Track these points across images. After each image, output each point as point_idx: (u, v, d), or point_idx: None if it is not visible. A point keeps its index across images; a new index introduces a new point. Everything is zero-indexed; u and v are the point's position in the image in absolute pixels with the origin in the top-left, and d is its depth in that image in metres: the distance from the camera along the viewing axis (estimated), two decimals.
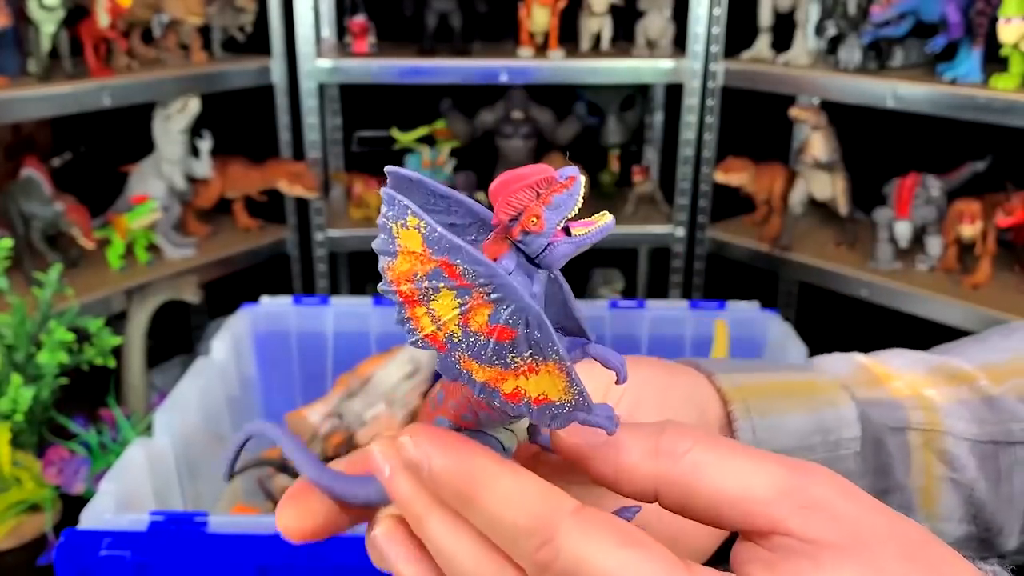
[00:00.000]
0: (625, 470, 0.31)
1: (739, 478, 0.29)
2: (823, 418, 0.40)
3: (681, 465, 0.29)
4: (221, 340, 1.27)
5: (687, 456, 0.29)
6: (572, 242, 0.30)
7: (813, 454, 0.40)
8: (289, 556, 0.81)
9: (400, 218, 0.30)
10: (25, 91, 1.44)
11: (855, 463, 0.40)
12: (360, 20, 1.84)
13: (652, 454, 0.30)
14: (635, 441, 0.31)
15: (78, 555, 0.79)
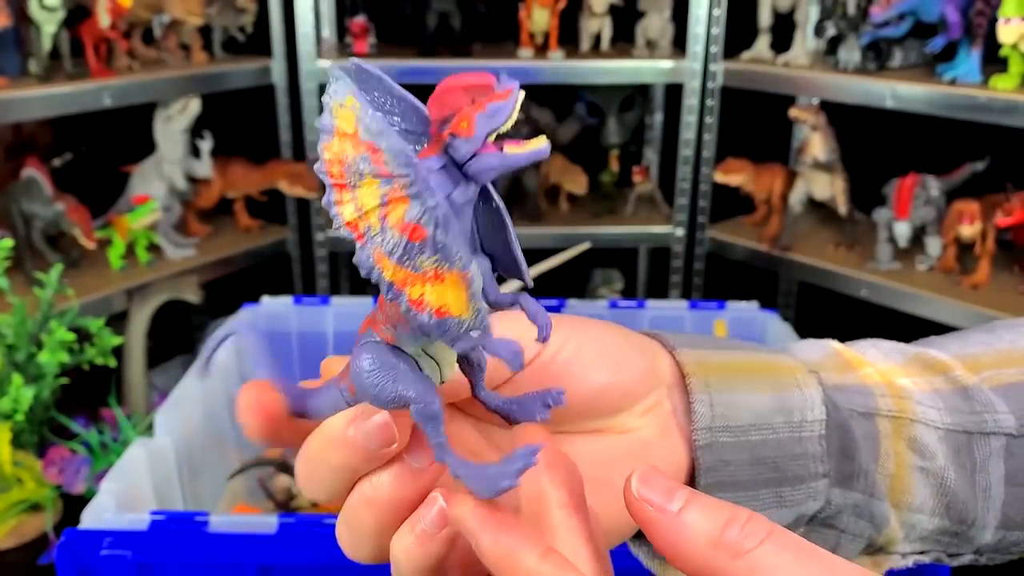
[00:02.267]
0: (681, 552, 0.30)
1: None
2: (786, 399, 0.40)
3: (740, 565, 0.29)
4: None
5: (750, 556, 0.29)
6: (500, 156, 0.29)
7: (775, 433, 0.40)
8: (290, 556, 0.81)
9: (340, 96, 0.30)
10: (26, 91, 1.44)
11: (818, 445, 0.40)
12: (360, 20, 1.84)
13: (713, 544, 0.30)
14: (701, 522, 0.30)
15: (79, 555, 0.80)
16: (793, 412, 0.40)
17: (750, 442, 0.39)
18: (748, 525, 0.30)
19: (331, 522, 0.82)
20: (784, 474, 0.40)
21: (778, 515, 0.40)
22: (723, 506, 0.30)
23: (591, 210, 1.97)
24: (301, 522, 0.83)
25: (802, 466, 0.40)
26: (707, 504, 0.30)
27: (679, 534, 0.30)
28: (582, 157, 1.98)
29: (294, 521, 0.83)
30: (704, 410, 0.39)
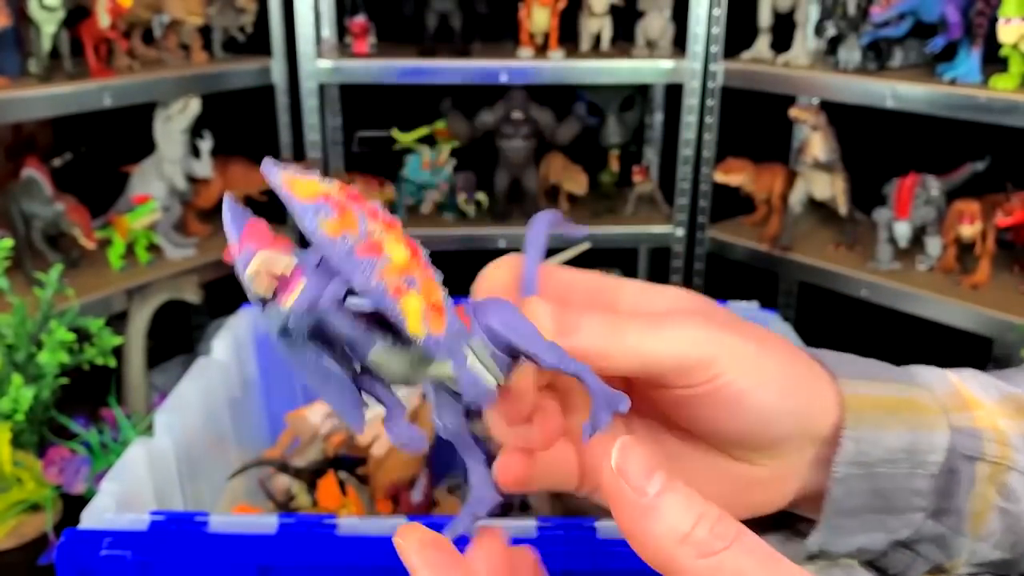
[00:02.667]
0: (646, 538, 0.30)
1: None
2: (918, 440, 0.40)
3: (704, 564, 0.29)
4: (222, 340, 1.27)
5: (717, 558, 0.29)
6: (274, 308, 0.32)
7: (896, 468, 0.40)
8: (290, 556, 0.81)
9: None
10: (26, 91, 1.44)
11: (928, 483, 0.41)
12: (360, 20, 1.84)
13: (681, 539, 0.29)
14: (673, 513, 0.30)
15: (78, 555, 0.79)
16: (918, 452, 0.40)
17: (874, 474, 0.40)
18: (718, 525, 0.29)
19: (330, 522, 0.82)
20: (892, 504, 0.40)
21: (873, 537, 0.41)
22: (695, 500, 0.30)
23: (591, 210, 1.97)
24: (301, 522, 0.82)
25: (908, 500, 0.41)
26: (681, 495, 0.30)
27: (648, 520, 0.30)
28: (582, 157, 1.98)
29: (294, 521, 0.83)
30: (851, 447, 0.39)
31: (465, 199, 1.92)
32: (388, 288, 0.30)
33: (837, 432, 0.39)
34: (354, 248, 0.30)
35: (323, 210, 0.30)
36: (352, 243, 0.30)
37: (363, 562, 0.79)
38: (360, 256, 0.30)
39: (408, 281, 0.31)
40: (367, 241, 0.31)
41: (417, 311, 0.31)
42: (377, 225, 0.32)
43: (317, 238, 0.30)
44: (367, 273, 0.30)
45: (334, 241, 0.30)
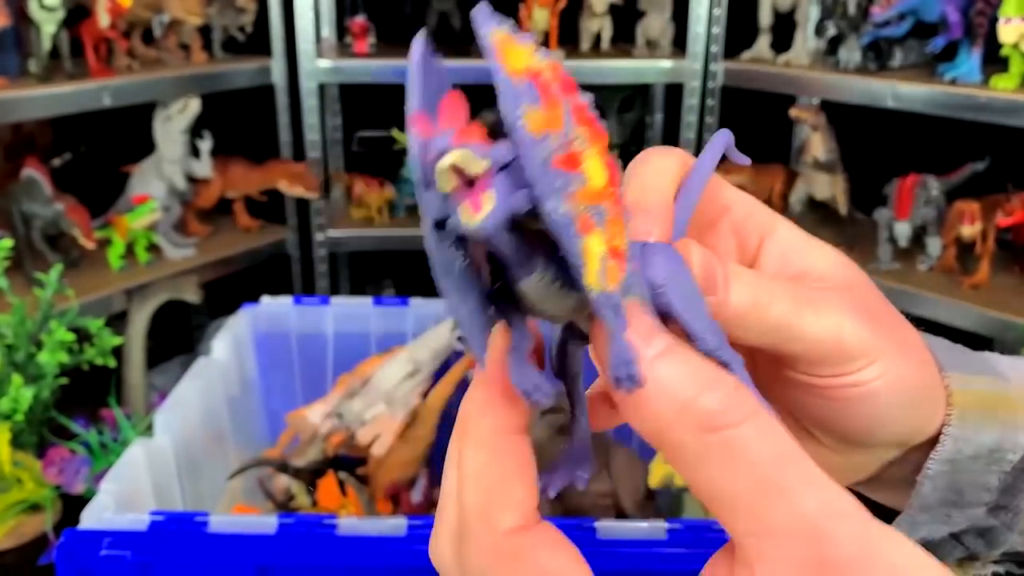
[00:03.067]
0: (642, 411, 0.25)
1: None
2: (1005, 438, 0.39)
3: (711, 440, 0.24)
4: (221, 340, 1.27)
5: (727, 434, 0.24)
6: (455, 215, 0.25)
7: (974, 463, 0.38)
8: (289, 556, 0.81)
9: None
10: (26, 91, 1.44)
11: (996, 479, 0.39)
12: (360, 20, 1.84)
13: (682, 408, 0.25)
14: (675, 379, 0.25)
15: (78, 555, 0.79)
16: (1001, 450, 0.39)
17: (957, 471, 0.39)
18: (732, 396, 0.25)
19: (330, 522, 0.82)
20: (962, 499, 0.39)
21: (935, 529, 0.40)
22: (706, 368, 0.25)
23: None
24: (300, 522, 0.82)
25: (978, 496, 0.40)
26: (688, 360, 0.25)
27: (646, 383, 0.25)
28: None
29: (293, 521, 0.82)
30: (949, 445, 0.38)
31: None
32: (575, 220, 0.25)
33: (936, 430, 0.38)
34: (552, 156, 0.25)
35: (529, 96, 0.25)
36: (552, 148, 0.25)
37: (363, 562, 0.79)
38: (555, 168, 0.25)
39: (596, 214, 0.26)
40: (567, 150, 0.25)
41: (597, 257, 0.25)
42: (582, 131, 0.26)
43: (516, 131, 0.24)
44: (559, 195, 0.25)
45: (535, 141, 0.24)
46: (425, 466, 1.16)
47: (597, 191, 0.26)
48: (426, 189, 0.26)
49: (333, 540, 0.80)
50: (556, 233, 0.25)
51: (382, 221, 1.92)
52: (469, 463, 0.28)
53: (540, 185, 0.24)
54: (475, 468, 0.28)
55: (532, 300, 0.27)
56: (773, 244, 0.36)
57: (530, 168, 0.24)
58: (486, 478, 0.28)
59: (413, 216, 1.96)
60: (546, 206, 0.24)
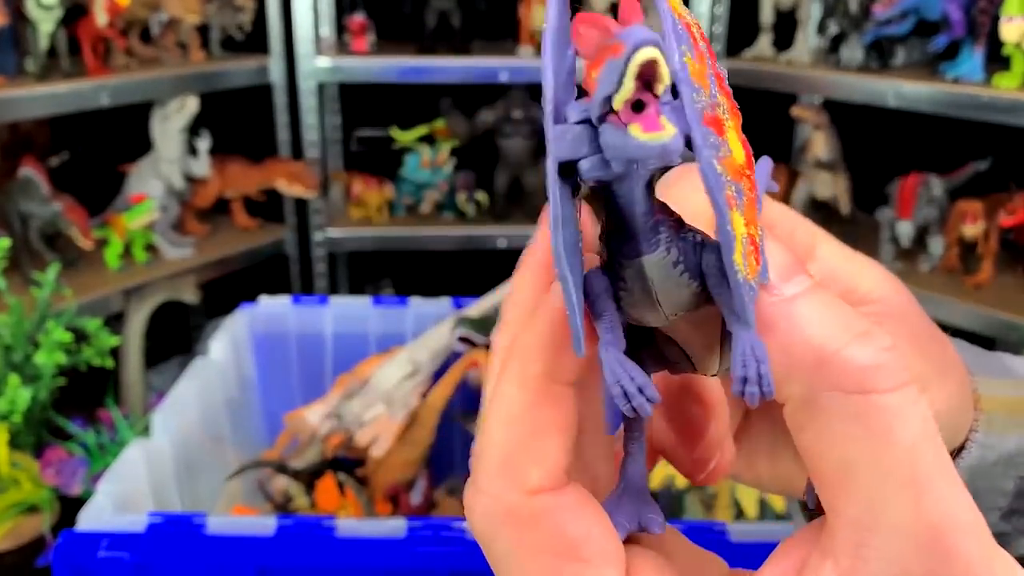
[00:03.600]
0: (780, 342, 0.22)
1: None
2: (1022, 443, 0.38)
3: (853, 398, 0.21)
4: (219, 340, 1.26)
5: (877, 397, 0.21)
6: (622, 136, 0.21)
7: (994, 467, 0.38)
8: (288, 557, 0.80)
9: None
10: (23, 90, 1.43)
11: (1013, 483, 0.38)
12: (359, 18, 1.84)
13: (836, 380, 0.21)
14: (817, 320, 0.22)
15: (76, 556, 0.79)
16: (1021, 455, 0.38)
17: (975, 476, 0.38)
18: (886, 355, 0.21)
19: (329, 524, 0.81)
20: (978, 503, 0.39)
21: None
22: (855, 315, 0.22)
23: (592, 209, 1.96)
24: (299, 524, 0.82)
25: (992, 499, 0.38)
26: (836, 304, 0.22)
27: (782, 322, 0.22)
28: None
29: (292, 523, 0.82)
30: (975, 452, 0.37)
31: (465, 199, 1.91)
32: (724, 186, 0.21)
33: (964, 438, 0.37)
34: (703, 110, 0.21)
35: (687, 42, 0.22)
36: (704, 103, 0.22)
37: (362, 564, 0.79)
38: (706, 124, 0.21)
39: (737, 192, 0.22)
40: (714, 112, 0.22)
41: (741, 238, 0.22)
42: (723, 100, 0.23)
43: (681, 71, 0.21)
44: (712, 151, 0.21)
45: (693, 87, 0.21)
46: (425, 467, 1.15)
47: (738, 167, 0.23)
48: (557, 121, 0.22)
49: (332, 541, 0.80)
50: (710, 193, 0.21)
51: (381, 220, 1.92)
52: (504, 404, 0.24)
53: (698, 134, 0.21)
54: (510, 410, 0.24)
55: (648, 281, 0.23)
56: (818, 261, 0.34)
57: (690, 112, 0.21)
58: (520, 424, 0.24)
59: (412, 216, 1.96)
60: (703, 156, 0.21)
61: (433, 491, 1.16)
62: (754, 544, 0.77)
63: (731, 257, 0.21)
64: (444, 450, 1.24)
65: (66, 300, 1.35)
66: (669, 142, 0.20)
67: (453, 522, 0.79)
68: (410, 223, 1.92)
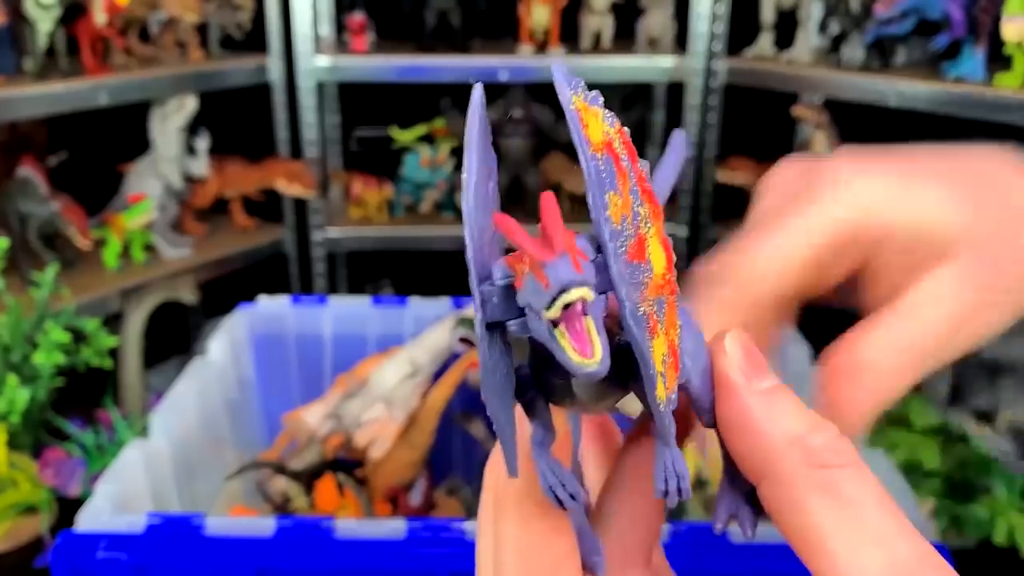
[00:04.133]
0: (749, 432, 0.26)
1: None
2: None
3: (814, 476, 0.25)
4: (218, 341, 1.26)
5: (829, 472, 0.25)
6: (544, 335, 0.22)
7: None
8: (287, 559, 0.80)
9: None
10: (21, 90, 1.43)
11: None
12: (359, 17, 1.83)
13: (791, 441, 0.25)
14: (787, 414, 0.26)
15: (74, 557, 0.79)
16: None
17: None
18: (837, 442, 0.25)
19: (328, 525, 0.81)
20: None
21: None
22: (812, 413, 0.26)
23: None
24: (299, 525, 0.81)
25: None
26: (797, 401, 0.26)
27: (756, 411, 0.26)
28: None
29: (291, 524, 0.82)
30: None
31: None
32: (647, 321, 0.23)
33: None
34: (626, 247, 0.22)
35: (609, 179, 0.23)
36: (626, 237, 0.23)
37: (361, 565, 0.78)
38: (630, 260, 0.22)
39: (659, 308, 0.23)
40: (636, 237, 0.23)
41: (660, 363, 0.23)
42: (645, 207, 0.24)
43: (603, 226, 0.22)
44: (635, 295, 0.22)
45: (616, 233, 0.22)
46: (424, 468, 1.15)
47: (659, 279, 0.24)
48: (481, 283, 0.24)
49: (331, 543, 0.79)
50: (632, 338, 0.22)
51: (380, 220, 1.91)
52: (511, 542, 0.27)
53: (621, 286, 0.22)
54: (518, 548, 0.27)
55: (581, 397, 0.25)
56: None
57: (615, 267, 0.22)
58: (533, 560, 0.27)
59: (411, 215, 1.95)
60: (626, 310, 0.22)
61: (433, 492, 1.15)
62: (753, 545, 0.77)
63: (654, 394, 0.23)
64: (444, 451, 1.23)
65: (64, 300, 1.34)
66: (597, 370, 0.21)
67: (453, 523, 0.79)
68: (410, 223, 1.92)
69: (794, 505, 0.25)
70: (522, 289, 0.22)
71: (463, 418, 1.16)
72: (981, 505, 1.07)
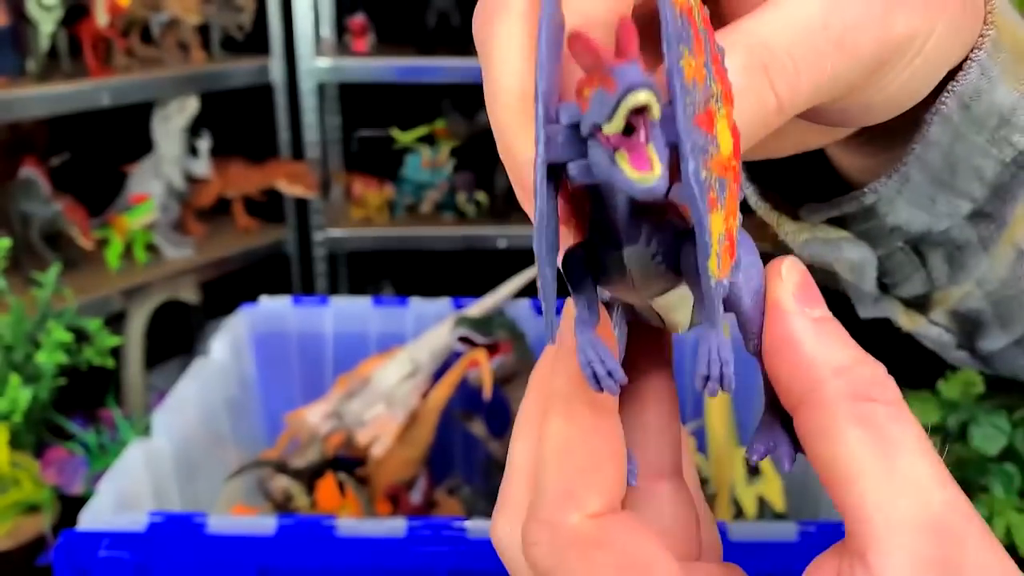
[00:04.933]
0: (793, 355, 0.25)
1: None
2: (1019, 108, 0.33)
3: (853, 409, 0.24)
4: (220, 341, 1.26)
5: (871, 407, 0.24)
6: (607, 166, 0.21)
7: (978, 134, 0.33)
8: (289, 557, 0.80)
9: None
10: (23, 90, 1.44)
11: (992, 170, 0.34)
12: (359, 19, 1.84)
13: (837, 371, 0.24)
14: (835, 343, 0.25)
15: (76, 556, 0.79)
16: (1008, 125, 0.34)
17: (958, 135, 0.33)
18: (884, 379, 0.24)
19: (330, 523, 0.81)
20: (952, 182, 0.35)
21: (915, 216, 0.36)
22: (860, 349, 0.25)
23: None
24: (300, 523, 0.82)
25: (968, 184, 0.35)
26: (847, 336, 0.25)
27: (805, 337, 0.25)
28: None
29: (293, 522, 0.82)
30: (974, 75, 0.32)
31: (465, 198, 1.91)
32: (707, 191, 0.22)
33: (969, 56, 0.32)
34: (695, 110, 0.22)
35: (687, 36, 0.22)
36: (697, 101, 0.22)
37: (362, 563, 0.79)
38: (696, 125, 0.22)
39: (720, 188, 0.23)
40: (707, 106, 0.22)
41: (716, 240, 0.23)
42: (719, 86, 0.23)
43: (676, 77, 0.21)
44: (699, 157, 0.21)
45: (687, 91, 0.21)
46: (425, 467, 1.16)
47: (724, 160, 0.23)
48: (548, 122, 0.22)
49: (332, 541, 0.80)
50: (689, 202, 0.21)
51: (381, 221, 1.92)
52: (555, 438, 0.26)
53: (686, 143, 0.21)
54: (563, 443, 0.25)
55: (629, 272, 0.24)
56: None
57: (682, 122, 0.21)
58: (576, 456, 0.25)
59: (412, 216, 1.96)
60: (689, 167, 0.21)
61: (433, 491, 1.16)
62: (753, 543, 0.77)
63: (705, 264, 0.22)
64: (444, 450, 1.24)
65: (67, 300, 1.35)
66: (655, 185, 0.20)
67: (453, 522, 0.79)
68: (410, 223, 1.92)
69: (831, 434, 0.24)
70: (588, 111, 0.21)
71: (464, 417, 1.17)
72: (979, 504, 1.07)
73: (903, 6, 0.28)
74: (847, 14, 0.27)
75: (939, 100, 0.32)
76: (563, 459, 0.25)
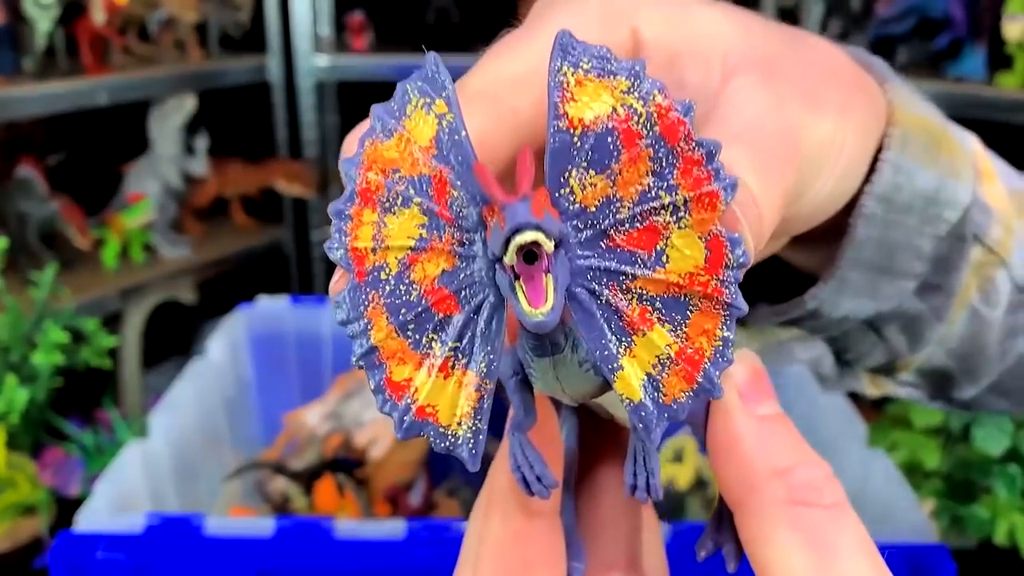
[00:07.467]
0: (735, 454, 0.25)
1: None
2: (943, 187, 0.34)
3: (791, 513, 0.24)
4: (217, 341, 1.26)
5: (810, 512, 0.23)
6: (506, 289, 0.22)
7: (909, 215, 0.34)
8: (287, 559, 0.79)
9: (428, 96, 0.25)
10: (20, 89, 1.43)
11: (929, 245, 0.35)
12: (358, 16, 1.83)
13: (776, 472, 0.24)
14: (780, 445, 0.25)
15: (73, 557, 0.78)
16: (938, 203, 0.35)
17: (889, 222, 0.34)
18: (825, 482, 0.24)
19: (328, 525, 0.81)
20: (892, 265, 0.35)
21: (861, 304, 0.36)
22: (808, 449, 0.25)
23: None
24: (298, 525, 0.81)
25: (909, 264, 0.35)
26: (794, 433, 0.25)
27: (747, 437, 0.25)
28: None
29: (291, 524, 0.81)
30: (887, 175, 0.33)
31: None
32: (619, 312, 0.22)
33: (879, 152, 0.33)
34: (614, 233, 0.22)
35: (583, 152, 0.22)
36: (615, 220, 0.22)
37: (361, 565, 0.78)
38: (617, 247, 0.22)
39: (668, 304, 0.23)
40: (645, 225, 0.22)
41: (645, 361, 0.23)
42: (682, 195, 0.22)
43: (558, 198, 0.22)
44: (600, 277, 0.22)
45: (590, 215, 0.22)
46: (424, 468, 1.15)
47: (676, 278, 0.22)
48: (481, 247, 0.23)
49: (331, 543, 0.79)
50: (579, 327, 0.22)
51: None
52: (491, 539, 0.26)
53: (558, 274, 0.22)
54: (496, 545, 0.26)
55: (558, 376, 0.24)
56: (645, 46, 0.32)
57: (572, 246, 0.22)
58: (507, 559, 0.26)
59: None
60: (569, 284, 0.22)
61: (432, 492, 1.15)
62: None
63: (611, 379, 0.23)
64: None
65: (63, 300, 1.34)
66: (546, 320, 0.21)
67: (453, 523, 0.79)
68: None
69: (766, 538, 0.23)
70: (490, 240, 0.21)
71: None
72: (982, 505, 1.06)
73: (818, 112, 0.29)
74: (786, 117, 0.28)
75: (859, 203, 0.33)
76: (496, 561, 0.26)
